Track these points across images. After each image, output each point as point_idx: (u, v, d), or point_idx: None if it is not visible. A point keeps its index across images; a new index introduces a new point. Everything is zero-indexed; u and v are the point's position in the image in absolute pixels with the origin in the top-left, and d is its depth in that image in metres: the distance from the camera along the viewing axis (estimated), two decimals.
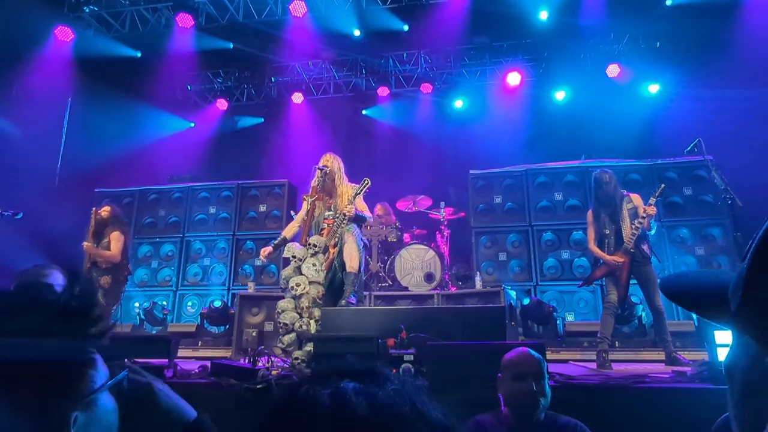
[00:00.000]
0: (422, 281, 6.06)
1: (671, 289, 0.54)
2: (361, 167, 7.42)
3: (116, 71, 7.94)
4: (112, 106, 7.78)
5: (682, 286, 0.52)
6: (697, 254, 6.00)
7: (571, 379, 3.12)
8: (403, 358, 3.00)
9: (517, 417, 2.03)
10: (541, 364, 2.08)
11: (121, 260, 4.86)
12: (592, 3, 7.30)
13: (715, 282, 0.48)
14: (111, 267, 4.79)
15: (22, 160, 6.74)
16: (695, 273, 0.53)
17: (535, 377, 2.01)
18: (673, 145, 5.78)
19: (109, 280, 4.76)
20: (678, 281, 0.53)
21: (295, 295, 3.98)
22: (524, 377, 2.01)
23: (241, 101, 9.59)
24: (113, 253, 4.77)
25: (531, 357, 2.10)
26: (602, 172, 4.51)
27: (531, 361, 2.08)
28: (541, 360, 2.10)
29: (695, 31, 7.02)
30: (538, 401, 1.98)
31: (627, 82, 8.04)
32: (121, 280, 4.92)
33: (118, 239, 4.85)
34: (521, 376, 2.02)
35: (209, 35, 7.95)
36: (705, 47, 6.91)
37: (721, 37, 6.71)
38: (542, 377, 2.04)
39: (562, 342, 5.19)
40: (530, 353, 2.12)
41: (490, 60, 8.73)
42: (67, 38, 7.45)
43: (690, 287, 0.51)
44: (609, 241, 4.32)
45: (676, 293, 0.53)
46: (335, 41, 8.25)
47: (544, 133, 8.00)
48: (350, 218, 4.22)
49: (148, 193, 7.69)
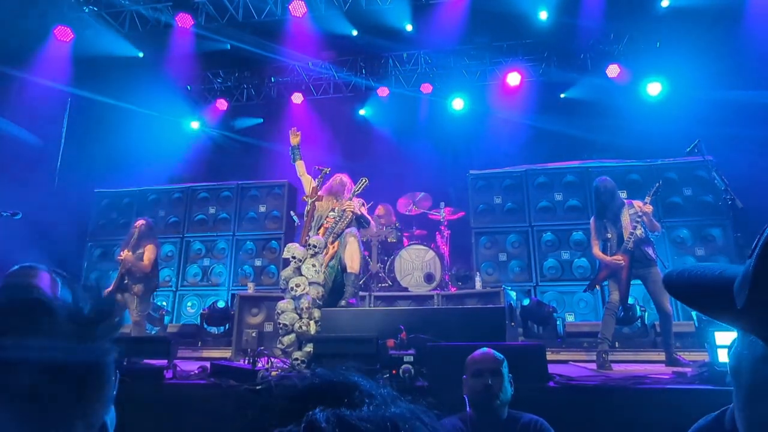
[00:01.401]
0: (422, 282, 6.05)
1: (674, 286, 0.53)
2: (360, 167, 7.41)
3: (116, 71, 7.92)
4: (112, 105, 7.78)
5: (685, 282, 0.51)
6: (697, 255, 6.00)
7: (571, 380, 3.12)
8: (403, 359, 2.99)
9: (478, 414, 2.11)
10: (500, 363, 2.17)
11: (152, 270, 5.17)
12: (592, 3, 7.29)
13: (720, 278, 0.46)
14: (143, 276, 5.09)
15: (22, 159, 6.73)
16: (699, 268, 0.51)
17: (492, 373, 2.10)
18: (673, 146, 5.78)
19: (141, 288, 5.06)
20: (681, 278, 0.51)
21: (295, 296, 3.97)
22: (482, 373, 2.11)
23: (240, 101, 9.58)
24: (146, 264, 5.08)
25: (490, 355, 2.21)
26: (601, 180, 4.53)
27: (489, 359, 2.18)
28: (501, 359, 2.19)
29: (695, 32, 7.01)
30: (494, 395, 2.05)
31: (627, 83, 8.03)
32: (151, 288, 5.23)
33: (152, 251, 5.16)
34: (479, 372, 2.12)
35: (209, 35, 7.94)
36: (705, 48, 6.90)
37: (721, 37, 6.70)
38: (499, 374, 2.12)
39: (562, 342, 5.18)
40: (492, 353, 2.23)
41: (490, 60, 8.73)
42: (67, 38, 7.45)
43: (693, 284, 0.50)
44: (611, 245, 4.34)
45: (679, 290, 0.52)
46: (335, 41, 8.25)
47: (543, 133, 7.99)
48: (352, 213, 4.21)
49: (148, 194, 7.69)
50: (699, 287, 0.49)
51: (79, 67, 7.56)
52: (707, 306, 0.49)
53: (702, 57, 6.93)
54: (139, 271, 5.06)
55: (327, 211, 4.40)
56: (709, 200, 6.08)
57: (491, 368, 2.13)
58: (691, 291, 0.50)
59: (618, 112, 7.67)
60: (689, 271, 0.51)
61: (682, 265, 0.52)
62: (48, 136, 7.45)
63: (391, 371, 3.01)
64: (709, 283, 0.47)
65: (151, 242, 5.22)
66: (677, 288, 0.52)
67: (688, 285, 0.50)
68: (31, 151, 6.94)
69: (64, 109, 7.74)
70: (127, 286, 5.03)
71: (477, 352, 2.27)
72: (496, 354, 2.22)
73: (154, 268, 5.21)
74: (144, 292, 5.09)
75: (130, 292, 5.03)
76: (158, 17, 7.75)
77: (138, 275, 5.07)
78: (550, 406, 2.46)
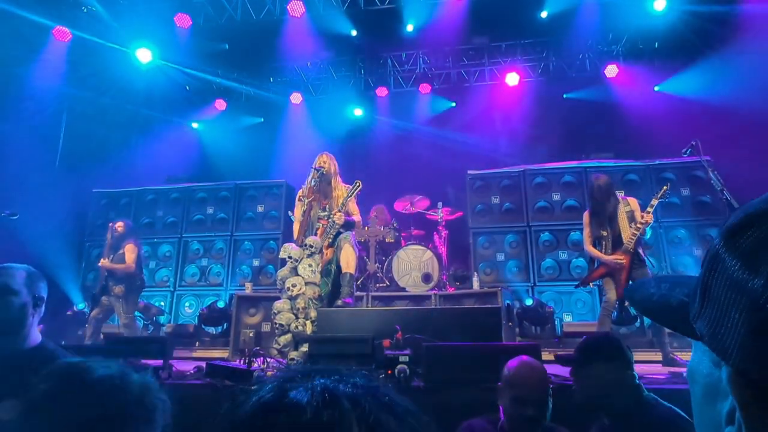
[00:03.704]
0: (420, 282, 6.05)
1: (635, 304, 0.55)
2: (359, 168, 7.44)
3: (114, 71, 7.92)
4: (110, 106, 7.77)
5: (645, 296, 0.53)
6: (694, 254, 6.00)
7: (568, 380, 3.11)
8: (399, 359, 2.99)
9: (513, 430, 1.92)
10: (547, 390, 1.89)
11: (135, 270, 5.18)
12: (591, 4, 7.30)
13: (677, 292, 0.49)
14: (125, 276, 5.13)
15: (21, 160, 6.73)
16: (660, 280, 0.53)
17: (538, 404, 1.83)
18: (670, 146, 5.78)
19: (123, 289, 5.10)
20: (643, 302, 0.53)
21: (291, 296, 3.98)
22: (526, 403, 1.83)
23: (239, 101, 9.58)
24: (128, 264, 5.10)
25: (536, 379, 1.89)
26: (597, 177, 4.53)
27: (535, 384, 1.87)
28: (548, 385, 1.91)
29: (694, 33, 7.02)
30: (537, 426, 1.85)
31: (625, 83, 8.03)
32: (135, 289, 5.25)
33: (132, 251, 5.19)
34: (521, 401, 1.84)
35: (207, 35, 7.94)
36: (703, 48, 6.91)
37: (720, 38, 6.71)
38: (546, 403, 1.86)
39: (560, 343, 5.19)
40: (537, 372, 1.92)
41: (488, 60, 8.73)
42: (65, 38, 7.44)
43: (654, 298, 0.52)
44: (606, 243, 4.33)
45: (638, 304, 0.54)
46: (333, 41, 8.25)
47: (541, 133, 7.99)
48: (340, 225, 4.23)
49: (146, 194, 7.69)
50: (659, 311, 0.51)
51: (78, 67, 7.55)
52: (665, 323, 0.52)
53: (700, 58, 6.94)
54: (120, 272, 5.07)
55: (318, 210, 4.39)
56: (707, 200, 6.08)
57: (537, 399, 1.83)
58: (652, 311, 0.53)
59: (616, 113, 7.67)
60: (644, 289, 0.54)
61: (646, 283, 0.54)
62: (46, 136, 7.45)
63: (387, 371, 3.01)
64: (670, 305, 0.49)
65: (131, 242, 5.24)
66: (639, 305, 0.54)
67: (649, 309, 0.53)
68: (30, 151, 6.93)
69: (62, 109, 7.73)
70: (111, 289, 5.06)
71: (519, 365, 1.94)
72: (540, 374, 1.91)
73: (137, 267, 5.23)
74: (127, 292, 5.10)
75: (113, 294, 5.05)
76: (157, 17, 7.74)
77: (119, 276, 5.09)
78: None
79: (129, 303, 5.15)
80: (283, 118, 9.26)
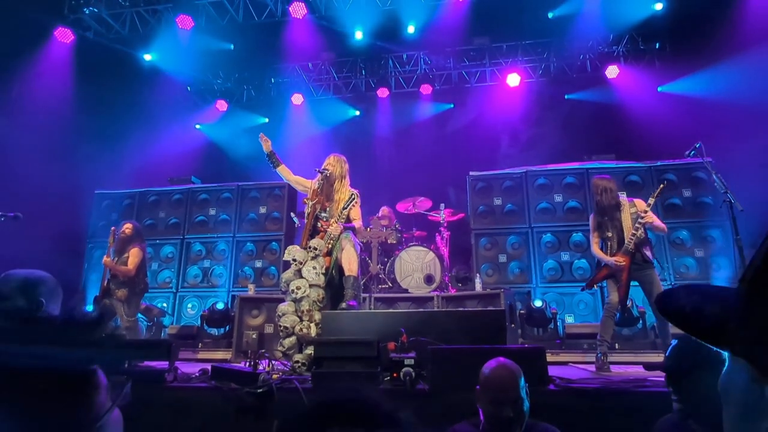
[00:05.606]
0: (422, 283, 6.06)
1: (670, 315, 0.53)
2: (360, 169, 7.41)
3: (116, 72, 7.92)
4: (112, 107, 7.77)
5: (682, 313, 0.51)
6: (696, 256, 6.01)
7: (571, 383, 3.12)
8: (404, 362, 2.99)
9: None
10: (519, 385, 1.95)
11: (137, 274, 5.12)
12: (592, 4, 7.31)
13: (710, 304, 0.47)
14: (128, 280, 5.06)
15: (22, 161, 6.73)
16: (690, 291, 0.52)
17: (513, 403, 1.91)
18: (672, 147, 5.78)
19: (125, 293, 5.04)
20: (678, 310, 0.51)
21: (296, 299, 3.98)
22: (501, 403, 1.91)
23: (241, 102, 9.59)
24: (129, 268, 5.03)
25: (508, 379, 1.96)
26: (599, 179, 4.53)
27: (508, 386, 1.94)
28: (519, 381, 1.97)
29: (695, 34, 7.02)
30: (516, 425, 1.91)
31: (626, 84, 8.04)
32: (138, 292, 5.19)
33: (137, 255, 5.12)
34: (498, 402, 1.92)
35: (209, 36, 7.94)
36: (705, 49, 6.91)
37: (721, 38, 6.71)
38: (519, 400, 1.93)
39: (562, 344, 5.20)
40: (509, 375, 1.98)
41: (489, 61, 8.74)
42: (67, 40, 7.45)
43: (687, 310, 0.50)
44: (611, 244, 4.34)
45: (672, 318, 0.52)
46: (335, 42, 8.26)
47: (543, 134, 8.00)
48: (336, 236, 4.23)
49: (148, 195, 7.69)
50: (692, 314, 0.50)
51: (80, 68, 7.56)
52: (699, 333, 0.49)
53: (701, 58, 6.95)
54: (122, 275, 5.03)
55: (320, 211, 4.39)
56: (709, 201, 6.08)
57: (512, 398, 1.91)
58: (687, 322, 0.51)
59: (618, 113, 7.68)
60: (681, 295, 0.52)
61: (676, 294, 0.53)
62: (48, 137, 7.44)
63: (392, 374, 3.01)
64: (702, 309, 0.48)
65: (137, 246, 5.18)
66: (672, 317, 0.52)
67: (684, 316, 0.51)
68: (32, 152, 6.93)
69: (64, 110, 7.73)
70: (113, 292, 5.01)
71: (495, 367, 2.02)
72: (513, 374, 1.97)
73: (140, 272, 5.17)
74: (129, 296, 5.06)
75: (116, 298, 5.01)
76: (158, 18, 7.75)
77: (121, 279, 5.04)
78: (550, 409, 2.46)
79: (131, 306, 5.13)
80: (284, 120, 9.27)
